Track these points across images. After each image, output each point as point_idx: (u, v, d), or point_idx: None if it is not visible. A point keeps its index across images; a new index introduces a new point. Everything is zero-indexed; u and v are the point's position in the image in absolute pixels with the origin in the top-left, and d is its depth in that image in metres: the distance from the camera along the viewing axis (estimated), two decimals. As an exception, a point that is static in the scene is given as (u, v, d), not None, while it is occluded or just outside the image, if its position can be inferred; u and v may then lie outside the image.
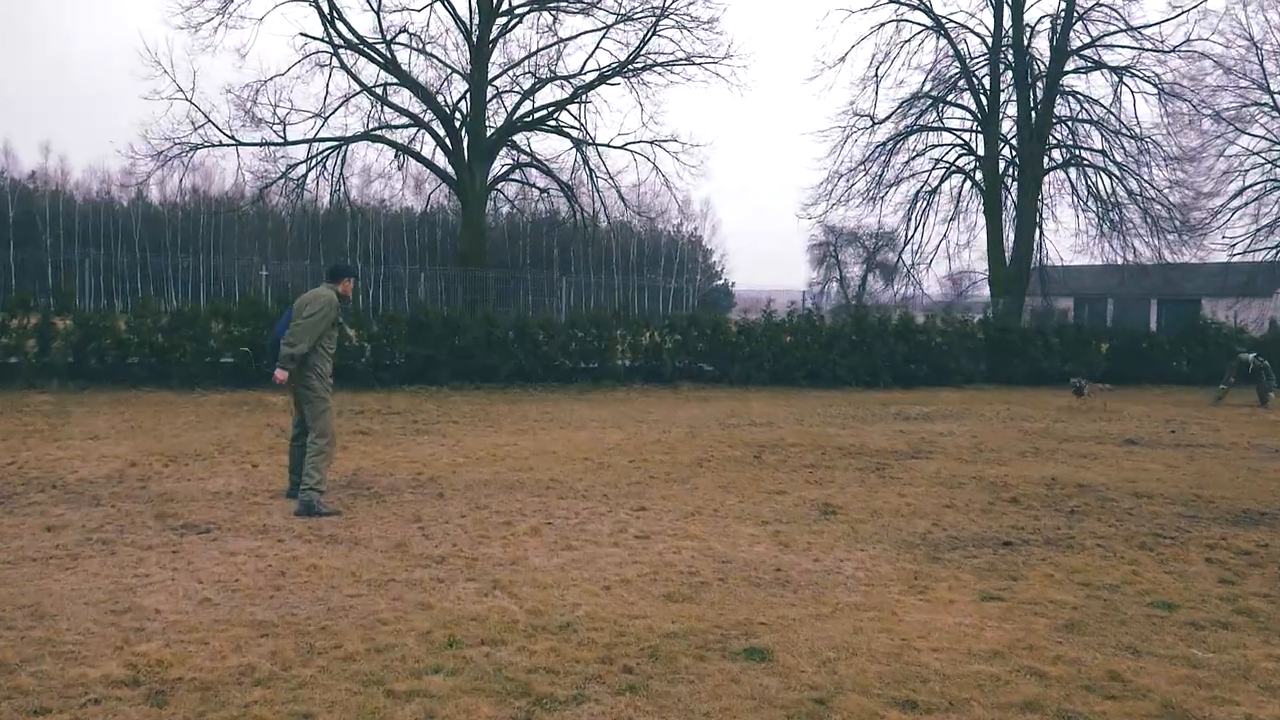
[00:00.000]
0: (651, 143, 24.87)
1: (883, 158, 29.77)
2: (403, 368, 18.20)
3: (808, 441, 12.61)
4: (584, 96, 23.21)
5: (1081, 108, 27.14)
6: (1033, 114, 27.97)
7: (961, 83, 29.12)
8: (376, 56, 22.24)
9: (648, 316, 20.51)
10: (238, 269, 22.00)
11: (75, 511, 7.22)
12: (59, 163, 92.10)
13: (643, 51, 22.60)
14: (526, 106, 23.79)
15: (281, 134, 22.04)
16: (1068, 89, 27.91)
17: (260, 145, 22.12)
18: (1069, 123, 28.80)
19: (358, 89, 22.66)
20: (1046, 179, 28.83)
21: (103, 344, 16.37)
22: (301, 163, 22.64)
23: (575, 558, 6.27)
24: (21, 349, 15.99)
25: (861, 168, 29.58)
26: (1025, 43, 28.02)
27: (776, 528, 7.37)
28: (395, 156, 23.88)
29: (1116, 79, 26.42)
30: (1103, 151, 27.34)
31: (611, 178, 24.14)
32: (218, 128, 21.54)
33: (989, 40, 28.94)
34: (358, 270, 7.80)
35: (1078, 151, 27.83)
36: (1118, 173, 26.96)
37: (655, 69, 23.04)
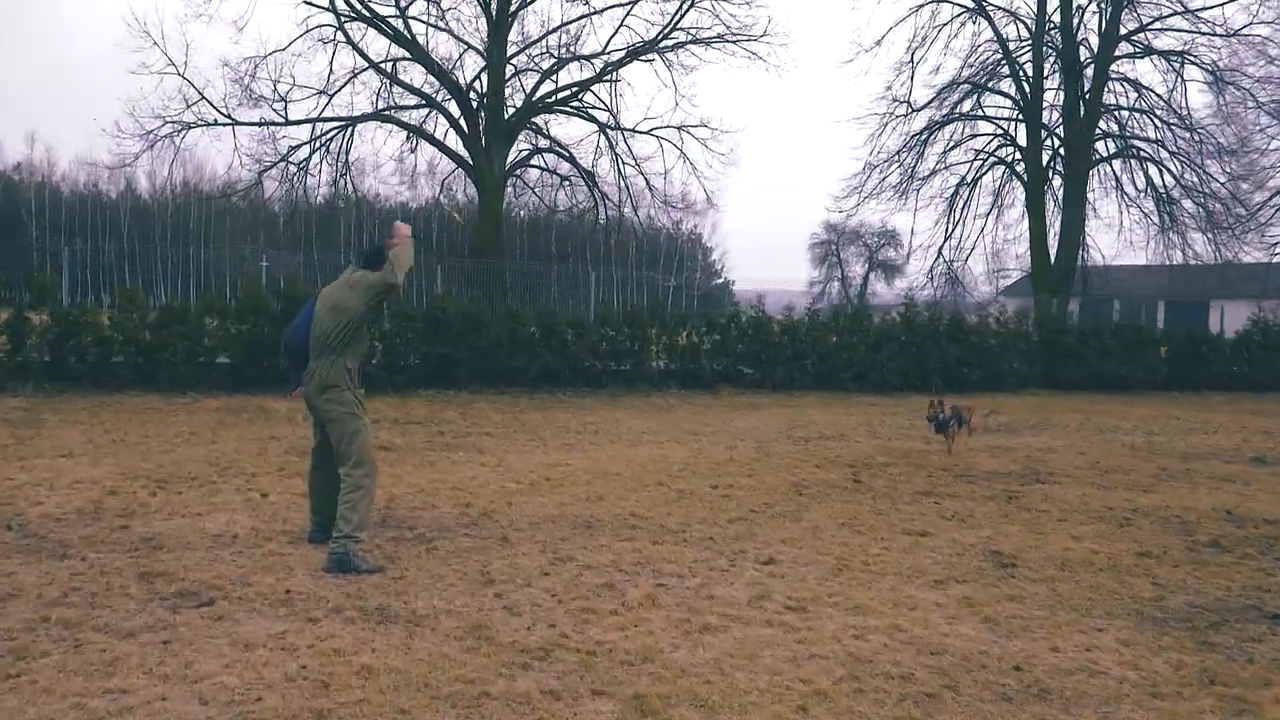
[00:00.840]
0: (679, 128, 23.06)
1: (917, 148, 28.10)
2: (418, 369, 16.38)
3: (900, 459, 10.87)
4: (614, 74, 21.35)
5: (1140, 95, 25.38)
6: (1081, 102, 26.28)
7: (1002, 69, 27.44)
8: (387, 29, 20.35)
9: (682, 315, 18.72)
10: (230, 260, 20.01)
11: (31, 569, 5.42)
12: (45, 154, 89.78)
13: (678, 25, 20.74)
14: (547, 87, 21.93)
15: (283, 113, 20.14)
16: (1118, 75, 26.21)
17: (259, 125, 20.21)
18: (1114, 111, 27.11)
19: (364, 65, 20.74)
20: (1093, 172, 27.13)
21: (83, 341, 14.50)
22: (305, 143, 20.75)
23: (725, 648, 4.50)
24: (-9, 347, 14.13)
25: (896, 158, 27.89)
26: (1075, 26, 26.32)
27: (958, 590, 5.62)
28: (407, 138, 22.01)
29: (1176, 64, 24.68)
30: (1159, 142, 25.61)
31: (638, 164, 22.32)
32: (213, 105, 19.65)
33: (1031, 24, 27.26)
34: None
35: (1133, 142, 26.05)
36: (1176, 165, 25.23)
37: (688, 46, 21.20)
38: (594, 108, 22.03)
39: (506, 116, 21.19)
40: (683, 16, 20.68)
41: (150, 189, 71.41)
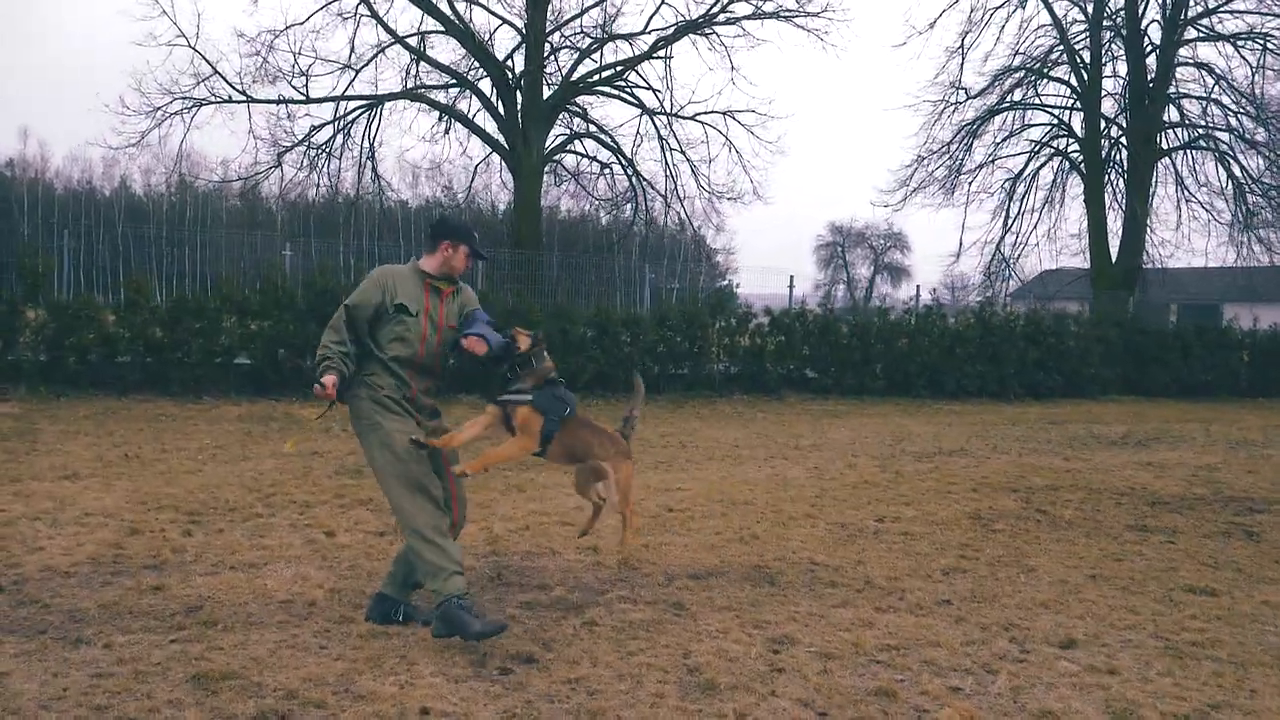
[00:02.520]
0: (725, 113, 21.32)
1: (966, 140, 26.44)
2: (457, 372, 14.59)
3: (1063, 480, 9.17)
4: (669, 50, 19.51)
5: (1218, 83, 23.69)
6: (1144, 89, 24.62)
7: (1057, 54, 25.78)
8: (418, 2, 18.48)
9: (746, 313, 16.96)
10: (247, 247, 18.17)
11: (29, 666, 3.67)
12: (39, 149, 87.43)
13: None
14: (586, 66, 20.13)
15: (303, 90, 18.32)
16: (1188, 60, 24.56)
17: (278, 103, 18.38)
18: (1178, 100, 25.45)
19: (390, 40, 18.91)
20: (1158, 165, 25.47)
21: (84, 339, 12.72)
22: (328, 123, 18.92)
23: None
24: (-24, 344, 12.34)
25: (946, 149, 26.22)
26: (1139, 9, 24.67)
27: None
28: (440, 118, 20.16)
29: (1258, 49, 23.00)
30: (1237, 132, 23.93)
31: (684, 151, 20.53)
32: (226, 80, 17.81)
33: (1088, 7, 25.60)
34: (470, 231, 4.14)
35: (1213, 133, 24.33)
36: (1258, 158, 23.55)
37: (740, 23, 19.42)
38: (638, 87, 20.24)
39: (545, 97, 19.40)
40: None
41: (145, 185, 69.47)
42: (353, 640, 4.11)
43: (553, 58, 19.90)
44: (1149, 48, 24.92)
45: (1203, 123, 24.52)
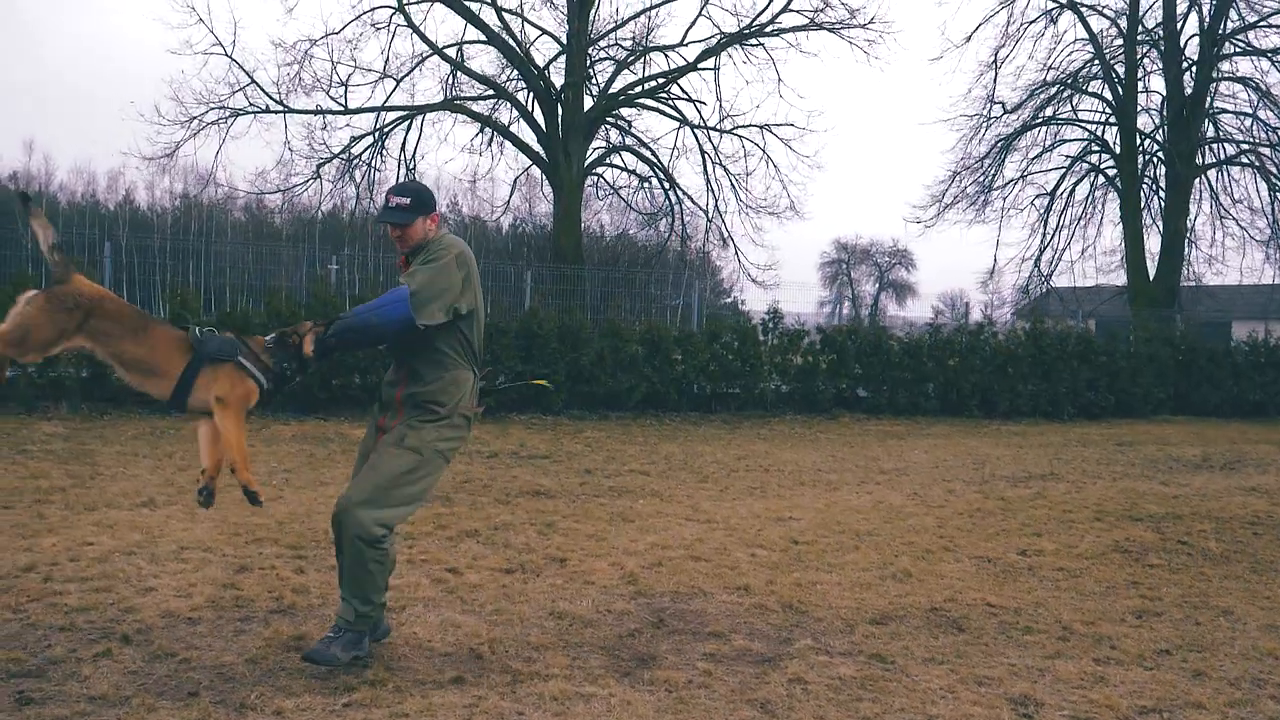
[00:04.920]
0: (762, 127, 20.92)
1: (998, 155, 26.08)
2: (507, 390, 14.10)
3: (1179, 508, 8.68)
4: (717, 60, 19.11)
5: (1262, 98, 23.34)
6: (1184, 104, 24.29)
7: (1092, 69, 25.46)
8: (463, 10, 18.04)
9: (800, 331, 16.50)
10: (286, 261, 17.52)
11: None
12: (44, 162, 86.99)
13: (790, 6, 18.54)
14: (626, 78, 19.71)
15: (342, 100, 17.88)
16: (1228, 75, 24.24)
17: (315, 113, 17.94)
18: (1214, 115, 25.13)
19: (427, 51, 18.49)
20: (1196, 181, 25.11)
21: (127, 355, 12.20)
22: (367, 134, 18.47)
23: None
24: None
25: (979, 165, 25.87)
26: (1178, 22, 24.36)
27: None
28: (480, 130, 19.71)
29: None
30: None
31: (724, 165, 20.10)
32: (263, 90, 17.37)
33: (1121, 21, 25.32)
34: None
35: (1254, 148, 23.98)
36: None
37: (788, 34, 19.02)
38: (679, 99, 19.83)
39: (586, 109, 18.98)
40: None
41: (149, 199, 69.16)
42: (548, 702, 3.61)
43: (592, 69, 19.49)
44: (1186, 63, 24.62)
45: (1243, 138, 24.18)
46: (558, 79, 19.18)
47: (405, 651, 4.12)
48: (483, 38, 18.40)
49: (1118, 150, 25.40)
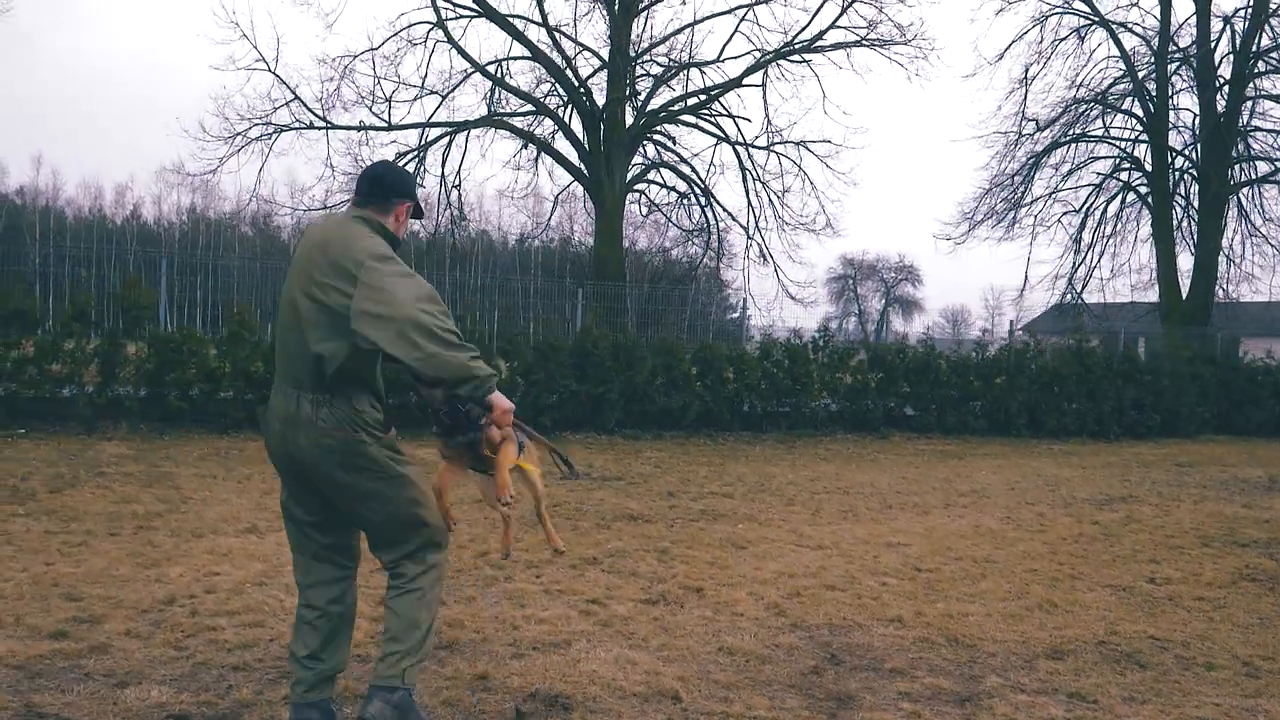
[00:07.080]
0: (799, 143, 20.87)
1: (1027, 173, 26.05)
2: (561, 409, 13.98)
3: (1266, 530, 8.56)
4: (765, 75, 19.04)
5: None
6: (1217, 122, 24.26)
7: (1125, 85, 25.45)
8: (507, 26, 18.00)
9: (849, 348, 16.39)
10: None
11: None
12: (51, 178, 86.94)
13: (837, 22, 18.50)
14: (666, 95, 19.67)
15: (384, 116, 17.81)
16: (1264, 93, 24.23)
17: (359, 129, 17.88)
18: (1246, 133, 25.10)
19: (468, 69, 18.44)
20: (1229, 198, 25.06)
21: (186, 374, 12.12)
22: (411, 151, 18.35)
23: None
24: (78, 378, 11.71)
25: (1010, 182, 25.84)
26: (1211, 40, 24.36)
27: None
28: (524, 146, 19.64)
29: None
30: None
31: (764, 183, 20.04)
32: (306, 106, 17.29)
33: (1152, 39, 25.33)
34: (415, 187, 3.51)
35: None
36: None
37: (829, 52, 18.98)
38: (721, 115, 19.78)
39: (627, 125, 18.92)
40: (845, 12, 18.42)
41: (156, 214, 69.22)
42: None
43: (632, 85, 19.45)
44: (1219, 81, 24.62)
45: (1277, 156, 24.15)
46: (599, 96, 19.15)
47: (597, 693, 3.97)
48: (525, 53, 18.38)
49: (1149, 167, 25.39)
